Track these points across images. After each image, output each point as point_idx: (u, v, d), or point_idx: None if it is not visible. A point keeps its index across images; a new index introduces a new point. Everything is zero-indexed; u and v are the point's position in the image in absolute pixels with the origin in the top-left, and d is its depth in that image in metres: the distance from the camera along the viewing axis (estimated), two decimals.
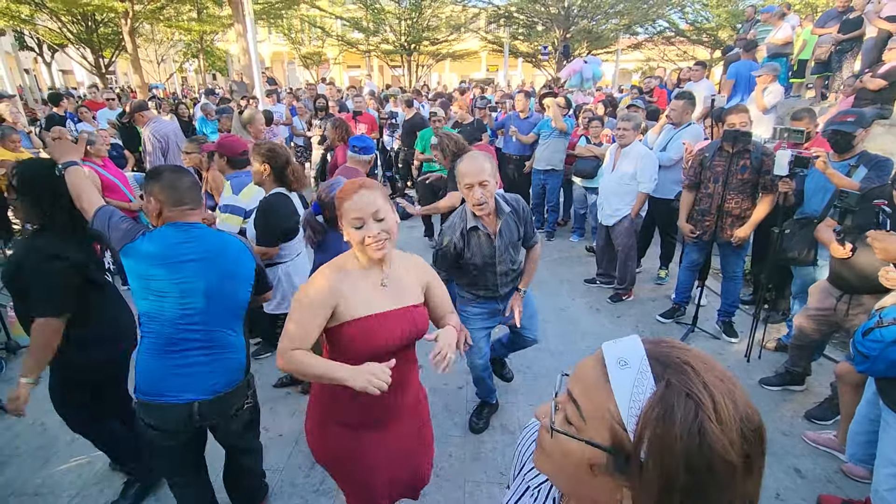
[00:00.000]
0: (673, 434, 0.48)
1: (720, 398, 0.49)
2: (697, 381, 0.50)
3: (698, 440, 0.48)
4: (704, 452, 0.48)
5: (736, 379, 0.53)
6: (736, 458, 0.48)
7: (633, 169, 4.03)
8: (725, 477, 0.48)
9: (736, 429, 0.49)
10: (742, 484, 0.49)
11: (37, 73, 21.43)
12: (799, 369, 3.04)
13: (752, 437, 0.50)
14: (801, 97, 8.11)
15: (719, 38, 17.59)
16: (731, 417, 0.49)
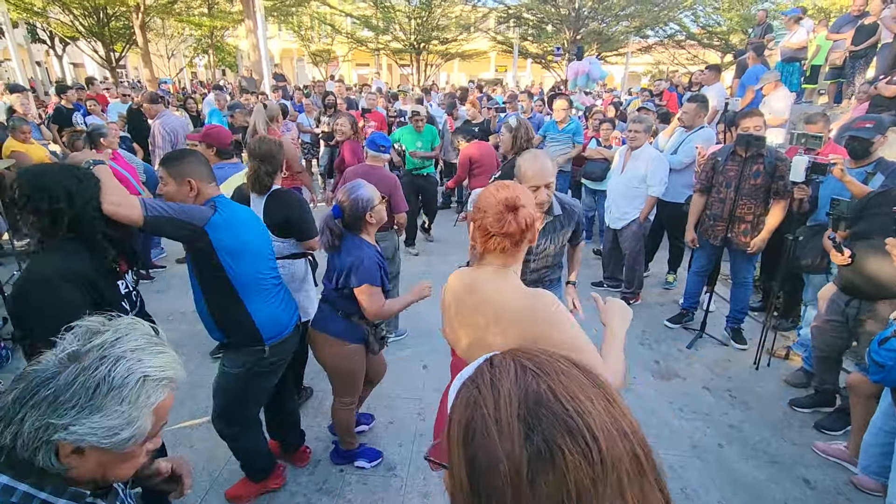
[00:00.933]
0: (455, 426, 0.48)
1: (504, 387, 0.47)
2: (486, 374, 0.49)
3: (469, 430, 0.46)
4: (474, 444, 0.46)
5: (563, 370, 0.50)
6: (512, 449, 0.43)
7: (643, 172, 3.99)
8: (499, 472, 0.43)
9: (517, 417, 0.44)
10: (536, 482, 0.42)
11: (48, 66, 21.59)
12: (829, 386, 2.96)
13: (544, 426, 0.44)
14: (814, 103, 8.02)
15: (730, 43, 17.47)
16: (510, 406, 0.45)
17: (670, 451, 2.70)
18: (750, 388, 3.29)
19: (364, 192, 2.12)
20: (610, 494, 0.42)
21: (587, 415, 0.44)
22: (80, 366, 0.79)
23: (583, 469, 0.42)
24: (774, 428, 2.91)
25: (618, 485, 0.43)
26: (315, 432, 2.76)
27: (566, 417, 0.44)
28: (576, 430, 0.43)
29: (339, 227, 2.14)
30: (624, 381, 1.32)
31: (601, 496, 0.42)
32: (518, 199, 1.29)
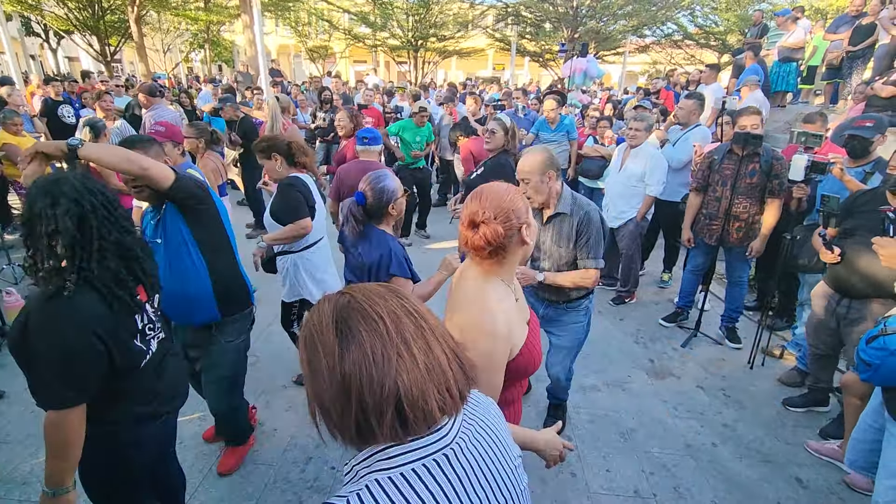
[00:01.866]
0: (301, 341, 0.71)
1: (322, 305, 0.70)
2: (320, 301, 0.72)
3: (307, 337, 0.68)
4: (308, 344, 0.68)
5: (369, 290, 0.71)
6: (326, 337, 0.65)
7: (642, 170, 3.98)
8: (320, 353, 0.65)
9: (330, 319, 0.66)
10: (344, 355, 0.63)
11: (43, 60, 21.37)
12: (823, 384, 2.95)
13: (349, 320, 0.65)
14: (810, 103, 8.04)
15: (727, 43, 17.48)
16: (326, 313, 0.68)
17: (664, 450, 2.69)
18: (744, 387, 3.28)
19: (390, 184, 2.09)
20: (398, 348, 0.63)
21: (377, 304, 0.66)
22: None
23: (374, 338, 0.63)
24: (768, 427, 2.90)
25: (404, 343, 0.64)
26: (307, 429, 2.73)
27: (360, 310, 0.65)
28: (367, 316, 0.65)
29: (362, 214, 2.09)
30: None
31: (390, 352, 0.63)
32: (482, 213, 1.22)
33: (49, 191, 1.25)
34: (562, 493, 2.39)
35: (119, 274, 1.34)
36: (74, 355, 1.26)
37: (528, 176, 2.23)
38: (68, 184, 1.28)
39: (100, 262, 1.29)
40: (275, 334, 3.51)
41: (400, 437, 0.64)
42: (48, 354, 1.24)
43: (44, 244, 1.23)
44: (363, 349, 0.62)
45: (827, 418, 2.94)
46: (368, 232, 2.10)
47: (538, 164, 2.22)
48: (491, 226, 1.21)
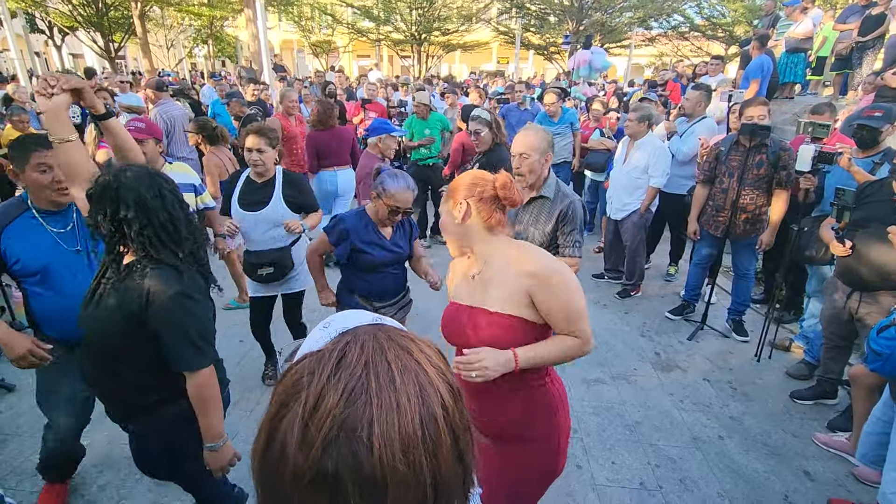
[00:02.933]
0: (270, 406, 0.45)
1: (333, 395, 0.42)
2: (327, 370, 0.44)
3: (277, 421, 0.43)
4: (270, 441, 0.43)
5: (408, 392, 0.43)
6: (302, 459, 0.40)
7: (645, 162, 3.95)
8: (285, 471, 0.41)
9: (323, 435, 0.40)
10: (310, 496, 0.40)
11: (47, 57, 21.44)
12: (833, 376, 2.93)
13: (340, 457, 0.40)
14: (819, 94, 7.93)
15: (734, 34, 17.28)
16: (325, 419, 0.41)
17: (670, 443, 2.69)
18: (751, 380, 3.27)
19: (392, 182, 2.19)
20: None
21: (386, 465, 0.40)
22: None
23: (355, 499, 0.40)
24: (775, 420, 2.89)
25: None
26: None
27: (359, 462, 0.40)
28: (365, 477, 0.40)
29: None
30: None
31: None
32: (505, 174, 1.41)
33: (152, 184, 1.41)
34: (567, 485, 2.40)
35: (203, 251, 1.56)
36: (207, 320, 1.50)
37: (529, 152, 2.20)
38: (162, 176, 1.47)
39: (194, 241, 1.50)
40: (279, 329, 3.52)
41: None
42: (195, 320, 1.43)
43: (159, 230, 1.39)
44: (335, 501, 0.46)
45: (835, 411, 2.92)
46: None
47: (540, 142, 2.20)
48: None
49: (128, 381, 1.47)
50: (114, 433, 2.64)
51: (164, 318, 1.38)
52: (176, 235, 1.43)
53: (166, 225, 1.41)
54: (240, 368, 3.22)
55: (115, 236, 1.39)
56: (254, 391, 2.99)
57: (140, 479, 2.34)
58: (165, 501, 2.24)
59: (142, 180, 1.40)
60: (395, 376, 0.44)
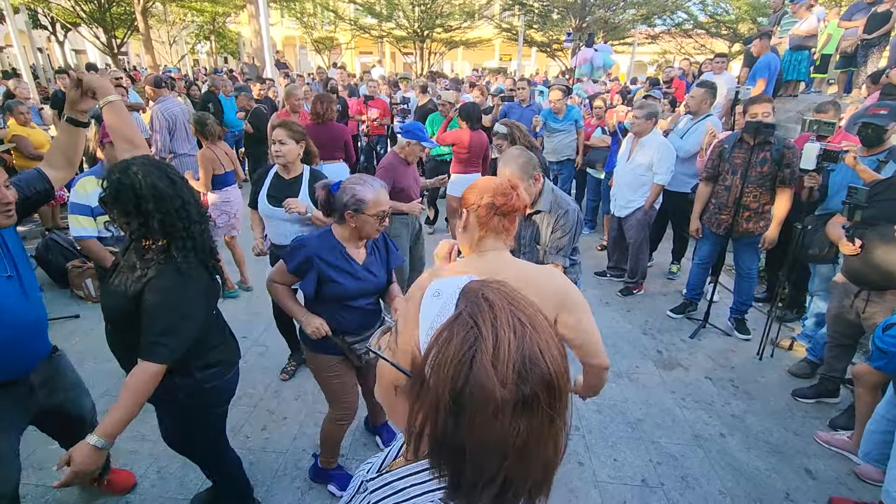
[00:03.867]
0: (447, 356, 0.51)
1: (505, 336, 0.51)
2: (488, 317, 0.52)
3: (467, 368, 0.50)
4: (469, 380, 0.50)
5: (544, 327, 0.55)
6: (505, 393, 0.49)
7: (649, 160, 3.93)
8: (490, 408, 0.49)
9: (513, 368, 0.50)
10: (516, 419, 0.50)
11: (50, 52, 21.47)
12: (836, 374, 2.93)
13: (533, 380, 0.51)
14: (823, 92, 7.90)
15: (738, 32, 17.19)
16: (509, 357, 0.50)
17: (672, 441, 2.69)
18: (753, 378, 3.27)
19: (361, 192, 1.87)
20: (555, 431, 0.54)
21: (561, 376, 0.54)
22: None
23: (547, 416, 0.52)
24: (777, 418, 2.89)
25: (562, 423, 0.55)
26: (316, 418, 2.76)
27: (548, 377, 0.52)
28: (553, 388, 0.53)
29: (326, 202, 1.96)
30: None
31: (555, 427, 0.54)
32: (515, 182, 1.47)
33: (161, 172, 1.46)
34: (569, 482, 2.40)
35: (212, 248, 1.61)
36: (183, 321, 1.49)
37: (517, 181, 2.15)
38: (165, 162, 1.55)
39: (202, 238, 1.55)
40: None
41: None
42: (168, 316, 1.45)
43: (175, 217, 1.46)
44: (537, 418, 0.54)
45: (837, 409, 2.92)
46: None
47: (521, 167, 2.11)
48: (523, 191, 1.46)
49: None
50: None
51: (146, 305, 1.46)
52: (188, 220, 1.49)
53: (181, 210, 1.47)
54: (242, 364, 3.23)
55: (140, 230, 1.45)
56: (256, 387, 3.01)
57: (144, 473, 2.36)
58: (169, 494, 2.26)
59: (151, 170, 1.44)
60: (530, 311, 0.56)
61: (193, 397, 1.67)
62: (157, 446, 1.91)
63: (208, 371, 1.69)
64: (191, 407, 1.70)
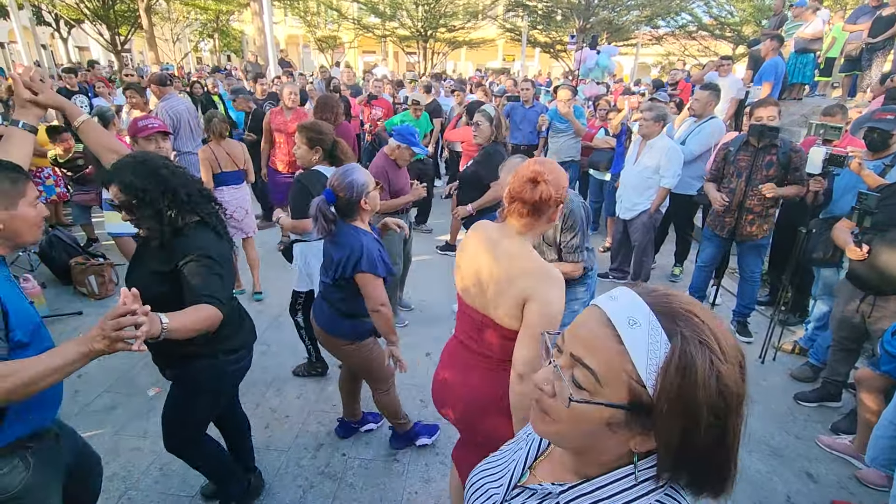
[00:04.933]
0: (694, 381, 0.54)
1: (723, 339, 0.56)
2: (705, 328, 0.56)
3: (716, 383, 0.54)
4: (722, 392, 0.54)
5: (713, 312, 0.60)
6: (742, 388, 0.56)
7: (656, 162, 3.93)
8: (737, 406, 0.56)
9: (736, 363, 0.56)
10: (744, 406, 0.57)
11: (53, 49, 21.51)
12: (839, 378, 2.92)
13: (744, 365, 0.58)
14: (827, 96, 7.89)
15: (742, 34, 17.18)
16: (733, 355, 0.56)
17: None
18: (755, 381, 3.26)
19: (359, 177, 2.00)
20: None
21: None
22: None
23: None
24: (779, 421, 2.89)
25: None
26: (318, 416, 2.76)
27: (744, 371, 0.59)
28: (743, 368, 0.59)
29: (332, 212, 2.02)
30: None
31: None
32: (543, 174, 1.41)
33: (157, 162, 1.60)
34: None
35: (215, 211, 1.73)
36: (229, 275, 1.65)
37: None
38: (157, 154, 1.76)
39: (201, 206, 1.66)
40: (284, 325, 3.54)
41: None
42: (217, 264, 1.57)
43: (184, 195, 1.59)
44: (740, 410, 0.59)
45: (839, 413, 2.92)
46: (339, 229, 2.03)
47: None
48: (549, 186, 1.40)
49: None
50: (120, 425, 2.67)
51: (189, 270, 1.55)
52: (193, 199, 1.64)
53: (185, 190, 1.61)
54: None
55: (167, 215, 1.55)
56: (257, 385, 3.01)
57: (146, 469, 2.36)
58: (172, 491, 2.26)
59: (149, 162, 1.58)
60: (710, 314, 0.60)
61: (214, 381, 1.80)
62: (160, 443, 1.90)
63: (232, 356, 1.80)
64: (207, 390, 1.81)
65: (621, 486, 0.62)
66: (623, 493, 0.62)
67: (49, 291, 4.05)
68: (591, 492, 0.64)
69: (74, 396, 2.87)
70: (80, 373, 3.08)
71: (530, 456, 0.78)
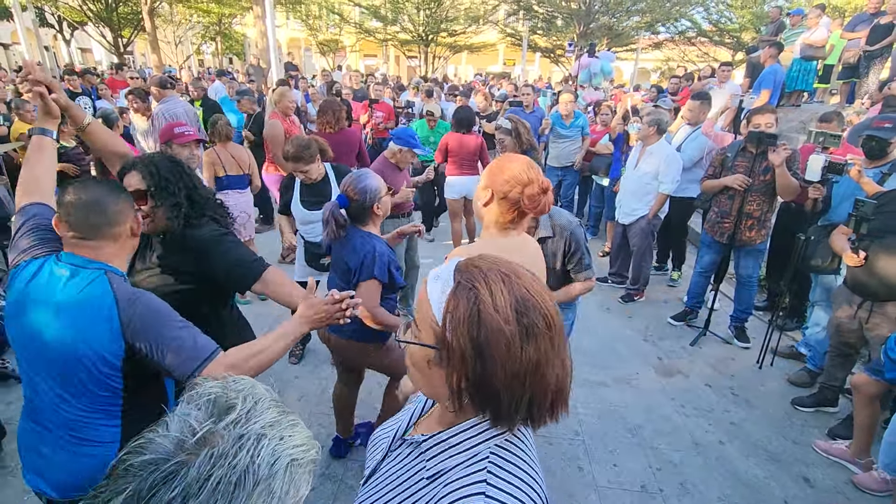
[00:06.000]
0: (459, 318, 0.65)
1: (497, 287, 0.66)
2: (479, 277, 0.67)
3: (477, 319, 0.64)
4: (482, 327, 0.64)
5: (526, 275, 0.71)
6: (510, 328, 0.64)
7: (655, 168, 3.96)
8: (502, 343, 0.64)
9: (510, 307, 0.65)
10: (525, 346, 0.65)
11: (56, 51, 21.56)
12: (836, 384, 2.94)
13: (528, 314, 0.66)
14: (826, 103, 7.94)
15: (742, 40, 17.27)
16: (504, 301, 0.65)
17: (671, 447, 2.71)
18: (752, 386, 3.29)
19: (372, 183, 2.02)
20: (558, 350, 0.68)
21: (548, 306, 0.68)
22: (212, 451, 0.53)
23: (547, 338, 0.67)
24: (776, 426, 2.91)
25: (561, 343, 0.69)
26: (319, 418, 2.78)
27: (540, 308, 0.67)
28: (546, 316, 0.67)
29: (343, 217, 2.03)
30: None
31: (555, 351, 0.68)
32: (548, 181, 1.45)
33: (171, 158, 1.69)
34: (569, 486, 2.42)
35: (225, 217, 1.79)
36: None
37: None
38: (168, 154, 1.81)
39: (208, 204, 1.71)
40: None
41: (536, 425, 0.72)
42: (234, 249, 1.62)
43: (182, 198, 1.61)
44: (538, 346, 0.66)
45: (836, 419, 2.94)
46: (351, 234, 2.04)
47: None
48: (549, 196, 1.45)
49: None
50: None
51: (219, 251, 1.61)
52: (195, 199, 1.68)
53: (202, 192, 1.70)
54: None
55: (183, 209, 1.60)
56: None
57: None
58: None
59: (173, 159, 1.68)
60: (512, 266, 0.71)
61: None
62: None
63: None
64: None
65: (470, 433, 0.72)
66: (470, 439, 0.72)
67: None
68: (446, 439, 0.74)
69: None
70: None
71: (415, 414, 0.90)
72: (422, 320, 0.71)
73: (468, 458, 0.71)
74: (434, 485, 0.72)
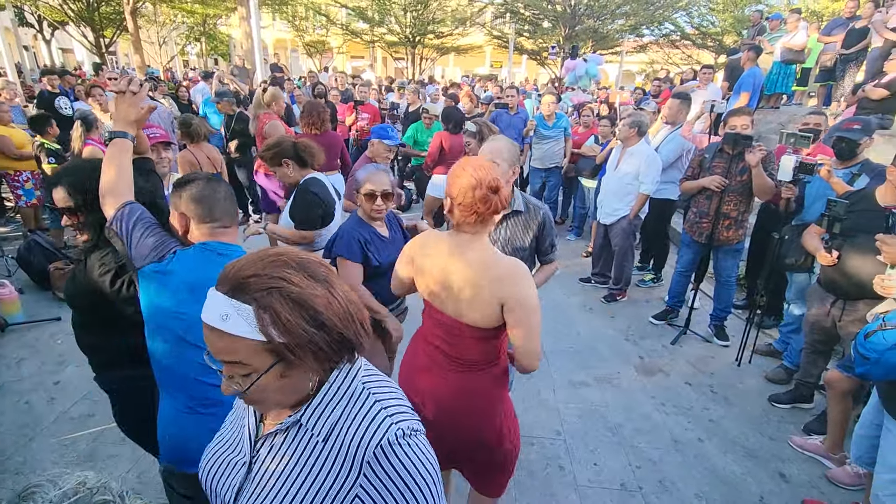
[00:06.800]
0: (285, 317, 0.70)
1: (279, 272, 0.72)
2: (263, 281, 0.71)
3: (299, 303, 0.72)
4: (305, 305, 0.72)
5: (276, 251, 0.77)
6: (317, 286, 0.74)
7: (636, 169, 4.01)
8: (323, 301, 0.74)
9: (304, 276, 0.74)
10: (333, 293, 0.76)
11: (36, 51, 21.18)
12: (811, 380, 3.00)
13: (310, 268, 0.76)
14: (804, 105, 8.10)
15: (724, 44, 17.57)
16: (293, 273, 0.73)
17: (651, 445, 2.74)
18: (731, 383, 3.34)
19: (359, 174, 2.23)
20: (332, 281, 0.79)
21: (309, 257, 0.79)
22: None
23: (333, 276, 0.79)
24: (753, 423, 2.96)
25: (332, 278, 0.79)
26: None
27: (310, 261, 0.78)
28: (318, 264, 0.79)
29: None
30: None
31: (340, 282, 0.80)
32: (497, 180, 1.42)
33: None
34: (549, 486, 2.43)
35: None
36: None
37: (498, 161, 2.03)
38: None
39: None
40: None
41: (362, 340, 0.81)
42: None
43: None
44: (334, 285, 0.78)
45: (811, 415, 2.99)
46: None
47: (509, 152, 2.08)
48: (506, 189, 1.45)
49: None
50: (98, 432, 2.63)
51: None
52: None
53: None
54: None
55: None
56: None
57: (124, 476, 2.34)
58: (150, 498, 2.24)
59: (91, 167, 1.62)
60: (266, 251, 0.78)
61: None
62: (139, 450, 1.89)
63: None
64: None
65: (336, 383, 0.81)
66: (340, 386, 0.81)
67: (27, 297, 3.99)
68: (320, 402, 0.80)
69: (51, 403, 2.83)
70: (57, 380, 3.04)
71: (256, 416, 0.89)
72: (246, 357, 0.72)
73: (349, 399, 0.80)
74: (332, 439, 0.78)
